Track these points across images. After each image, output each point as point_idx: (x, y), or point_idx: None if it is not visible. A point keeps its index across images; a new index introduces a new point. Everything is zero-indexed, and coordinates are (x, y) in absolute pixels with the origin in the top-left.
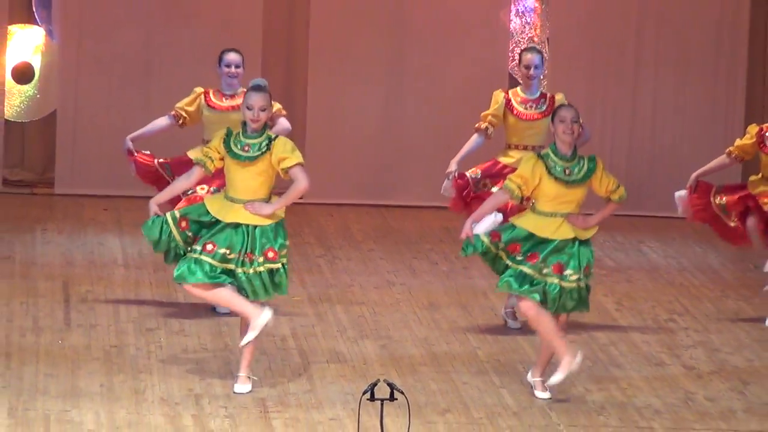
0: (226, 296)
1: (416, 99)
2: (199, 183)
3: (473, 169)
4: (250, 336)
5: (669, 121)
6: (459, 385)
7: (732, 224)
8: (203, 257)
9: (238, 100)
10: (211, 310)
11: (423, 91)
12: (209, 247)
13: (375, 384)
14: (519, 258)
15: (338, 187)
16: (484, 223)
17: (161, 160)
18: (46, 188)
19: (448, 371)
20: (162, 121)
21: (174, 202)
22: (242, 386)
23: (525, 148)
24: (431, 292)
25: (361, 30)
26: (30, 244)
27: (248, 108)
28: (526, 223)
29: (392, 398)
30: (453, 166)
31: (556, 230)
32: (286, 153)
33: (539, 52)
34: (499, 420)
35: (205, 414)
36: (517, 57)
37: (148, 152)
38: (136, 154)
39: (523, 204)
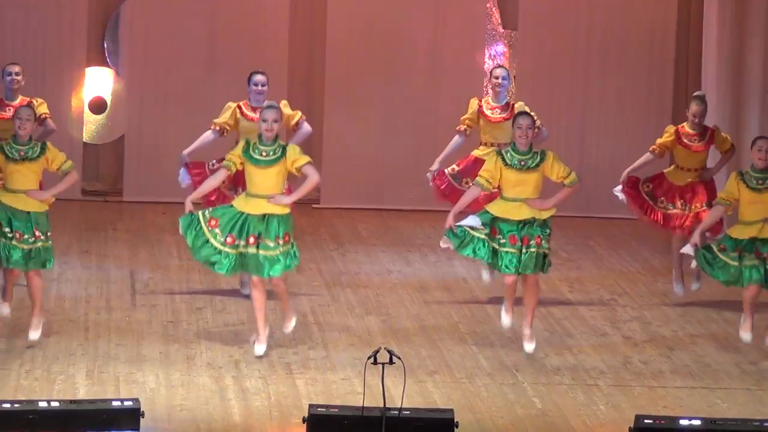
0: None
1: (410, 124)
2: (224, 182)
3: (452, 166)
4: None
5: (611, 140)
6: (444, 352)
7: (658, 208)
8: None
9: None
10: (243, 296)
11: (415, 118)
12: (228, 240)
13: (377, 351)
14: (502, 240)
15: (348, 194)
16: (465, 223)
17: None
18: (116, 196)
19: (435, 340)
20: (209, 136)
21: (208, 197)
22: (261, 347)
23: (494, 144)
24: (422, 278)
25: (367, 67)
26: (103, 241)
27: (264, 121)
28: (495, 208)
29: (391, 362)
30: (435, 165)
31: (518, 212)
32: (297, 155)
33: (506, 69)
34: (476, 379)
35: (242, 375)
36: (488, 73)
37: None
38: (189, 165)
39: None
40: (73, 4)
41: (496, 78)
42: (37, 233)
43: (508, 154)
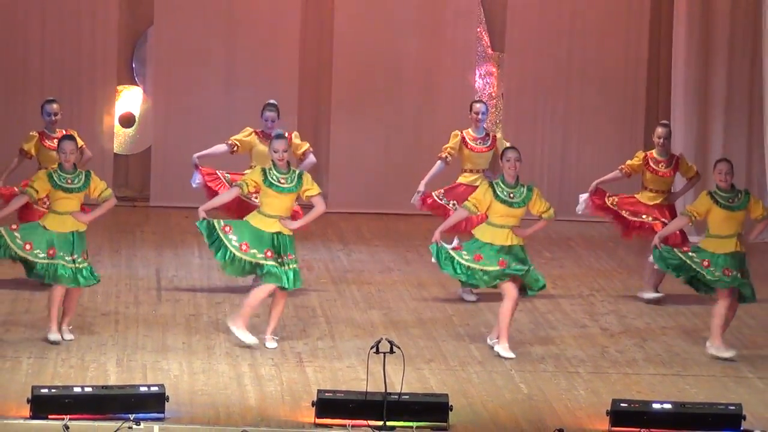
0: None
1: (408, 137)
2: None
3: (439, 190)
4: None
5: (589, 151)
6: (440, 342)
7: (624, 213)
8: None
9: None
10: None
11: (413, 131)
12: (243, 247)
13: (379, 341)
14: (487, 263)
15: (353, 199)
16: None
17: (226, 173)
18: (143, 202)
19: (431, 332)
20: (221, 147)
21: (223, 209)
22: (272, 343)
23: (475, 171)
24: (420, 275)
25: (369, 86)
26: (132, 242)
27: (275, 151)
28: (483, 235)
29: (392, 352)
30: (421, 187)
31: (504, 238)
32: (310, 185)
33: (485, 103)
34: (468, 367)
35: (257, 363)
36: (468, 106)
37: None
38: (200, 168)
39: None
40: (104, 28)
41: (477, 113)
42: (76, 256)
43: (498, 187)
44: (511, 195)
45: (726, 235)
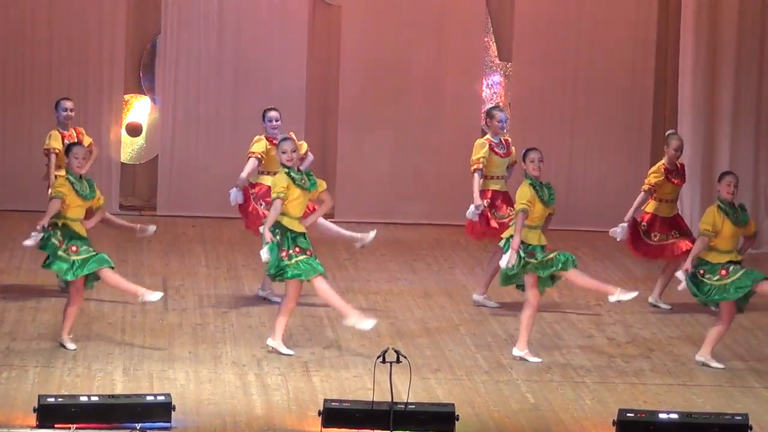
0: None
1: (415, 147)
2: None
3: (484, 201)
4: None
5: (596, 161)
6: (446, 352)
7: (652, 242)
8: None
9: None
10: (262, 299)
11: (421, 141)
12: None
13: (386, 351)
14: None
15: (359, 209)
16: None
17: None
18: (150, 211)
19: (438, 341)
20: (254, 163)
21: (245, 208)
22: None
23: (498, 177)
24: (426, 285)
25: (376, 96)
26: (139, 251)
27: (283, 152)
28: (532, 239)
29: (398, 361)
30: (481, 201)
31: (540, 238)
32: (320, 182)
33: (505, 111)
34: (475, 376)
35: (264, 373)
36: (487, 113)
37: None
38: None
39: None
40: (112, 37)
41: (500, 121)
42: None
43: (535, 188)
44: (543, 194)
45: (727, 250)
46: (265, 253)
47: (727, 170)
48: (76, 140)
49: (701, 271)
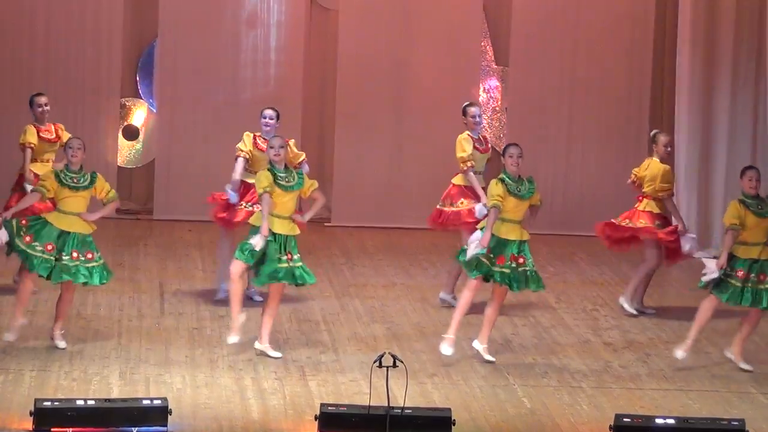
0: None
1: (412, 151)
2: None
3: (461, 201)
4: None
5: (592, 165)
6: (442, 356)
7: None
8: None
9: None
10: (248, 298)
11: (417, 145)
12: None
13: (382, 355)
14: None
15: (356, 214)
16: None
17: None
18: (147, 215)
19: (435, 346)
20: (242, 162)
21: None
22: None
23: (477, 173)
24: (423, 289)
25: (373, 101)
26: (135, 255)
27: (271, 147)
28: (500, 230)
29: (395, 365)
30: (485, 197)
31: (515, 233)
32: (309, 181)
33: (479, 105)
34: (472, 381)
35: (260, 377)
36: (462, 111)
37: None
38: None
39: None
40: (109, 41)
41: (473, 116)
42: (90, 254)
43: (506, 182)
44: (519, 188)
45: (754, 243)
46: (260, 241)
47: (749, 165)
48: (54, 135)
49: (727, 270)
